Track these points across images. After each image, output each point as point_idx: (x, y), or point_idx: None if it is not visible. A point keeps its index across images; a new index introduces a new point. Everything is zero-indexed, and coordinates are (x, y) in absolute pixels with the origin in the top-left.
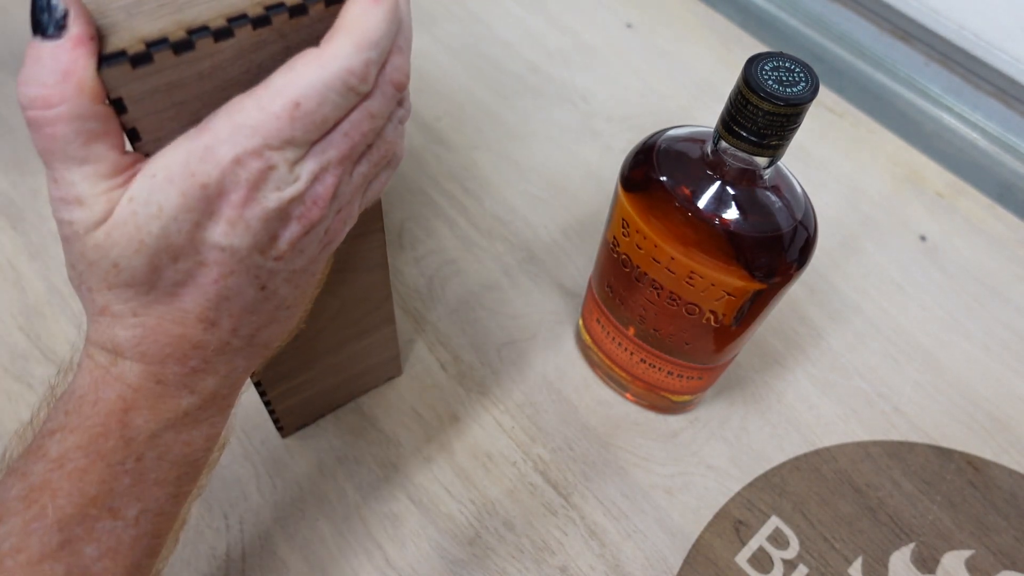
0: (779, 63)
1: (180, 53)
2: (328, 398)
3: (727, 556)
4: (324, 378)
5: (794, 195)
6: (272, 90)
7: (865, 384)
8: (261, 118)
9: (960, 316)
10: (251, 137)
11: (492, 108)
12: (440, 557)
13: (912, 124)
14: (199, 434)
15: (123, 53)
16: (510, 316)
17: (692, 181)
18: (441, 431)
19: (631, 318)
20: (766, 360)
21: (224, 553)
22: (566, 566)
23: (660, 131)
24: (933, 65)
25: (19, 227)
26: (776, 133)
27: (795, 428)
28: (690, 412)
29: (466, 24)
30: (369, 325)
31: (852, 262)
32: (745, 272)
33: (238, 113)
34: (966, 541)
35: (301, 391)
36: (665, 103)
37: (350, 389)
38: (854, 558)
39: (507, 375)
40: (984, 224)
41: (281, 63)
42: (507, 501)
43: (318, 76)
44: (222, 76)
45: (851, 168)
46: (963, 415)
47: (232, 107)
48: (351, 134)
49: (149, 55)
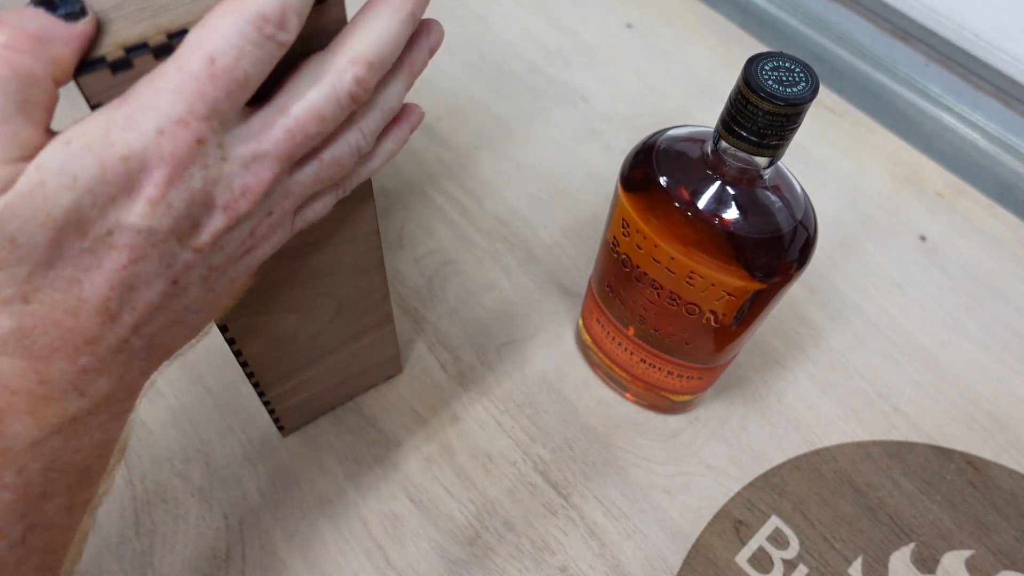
0: (779, 63)
1: (160, 57)
2: (328, 397)
3: (727, 556)
4: (324, 378)
5: (794, 195)
6: (188, 47)
7: (865, 384)
8: (181, 79)
9: (960, 316)
10: (174, 104)
11: (492, 108)
12: (440, 557)
13: (912, 124)
14: (90, 440)
15: (103, 60)
16: (510, 316)
17: (692, 181)
18: (441, 431)
19: (631, 318)
20: (766, 360)
21: (224, 553)
22: (566, 566)
23: (660, 131)
24: (933, 65)
25: None
26: (776, 133)
27: (795, 428)
28: (690, 412)
29: (466, 24)
30: (368, 325)
31: (852, 262)
32: (745, 272)
33: (159, 77)
34: (966, 541)
35: (301, 391)
36: (665, 103)
37: (350, 388)
38: (854, 558)
39: (507, 375)
40: (984, 224)
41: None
42: (507, 501)
43: (231, 24)
44: None
45: (851, 168)
46: (963, 415)
47: (155, 72)
48: (293, 130)
49: (129, 61)
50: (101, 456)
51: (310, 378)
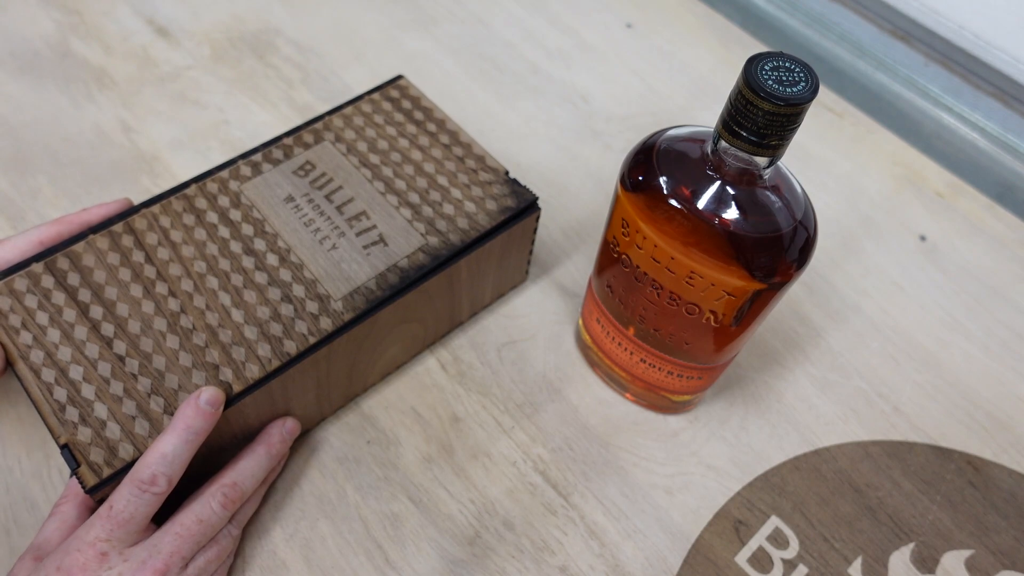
0: (779, 63)
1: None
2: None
3: (727, 556)
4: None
5: (794, 195)
6: (105, 502)
7: (865, 384)
8: (93, 520)
9: (960, 316)
10: (88, 532)
11: (492, 108)
12: (440, 557)
13: (912, 124)
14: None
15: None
16: (510, 316)
17: (692, 181)
18: (441, 431)
19: (631, 318)
20: (766, 360)
21: None
22: (566, 566)
23: (660, 131)
24: (933, 65)
25: (19, 227)
26: (776, 133)
27: (795, 428)
28: (690, 412)
29: (466, 24)
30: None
31: (852, 262)
32: (745, 272)
33: (88, 522)
34: (966, 541)
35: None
36: (665, 103)
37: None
38: (854, 558)
39: (507, 375)
40: (984, 224)
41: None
42: (507, 501)
43: (125, 485)
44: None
45: (851, 168)
46: (963, 415)
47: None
48: (182, 535)
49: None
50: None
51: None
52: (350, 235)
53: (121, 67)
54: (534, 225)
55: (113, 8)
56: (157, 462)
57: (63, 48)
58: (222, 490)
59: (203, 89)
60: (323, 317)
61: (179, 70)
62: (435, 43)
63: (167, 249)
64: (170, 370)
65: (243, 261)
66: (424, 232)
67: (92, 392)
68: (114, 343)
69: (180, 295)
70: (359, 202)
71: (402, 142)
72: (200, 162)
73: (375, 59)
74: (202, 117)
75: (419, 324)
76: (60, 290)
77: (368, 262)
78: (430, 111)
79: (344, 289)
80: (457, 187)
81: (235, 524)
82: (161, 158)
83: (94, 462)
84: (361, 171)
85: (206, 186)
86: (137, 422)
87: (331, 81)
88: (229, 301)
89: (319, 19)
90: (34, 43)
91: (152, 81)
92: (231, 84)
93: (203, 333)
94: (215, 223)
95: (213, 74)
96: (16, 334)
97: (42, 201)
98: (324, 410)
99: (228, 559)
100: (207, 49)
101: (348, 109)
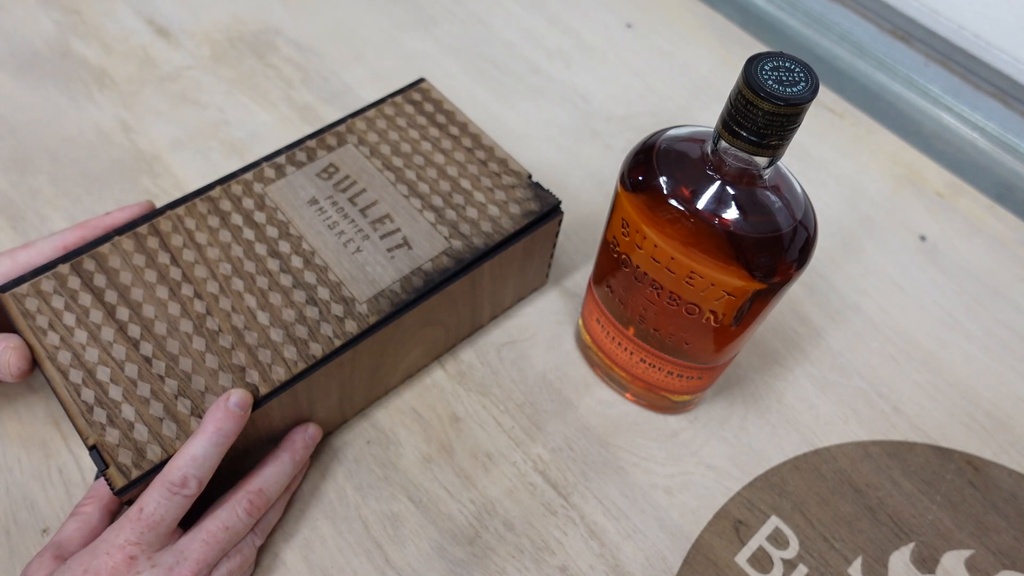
0: (779, 63)
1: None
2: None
3: (727, 556)
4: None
5: (794, 195)
6: (134, 503)
7: (865, 384)
8: (122, 522)
9: (960, 316)
10: (117, 536)
11: (492, 108)
12: (440, 557)
13: (912, 124)
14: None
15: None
16: (510, 316)
17: (692, 181)
18: (441, 431)
19: (631, 318)
20: (766, 360)
21: None
22: (566, 566)
23: (660, 131)
24: (933, 65)
25: (19, 227)
26: (776, 133)
27: (795, 428)
28: (690, 412)
29: (466, 24)
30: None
31: (852, 262)
32: (745, 272)
33: (117, 523)
34: (966, 541)
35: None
36: (665, 103)
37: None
38: (854, 558)
39: (507, 375)
40: (984, 224)
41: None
42: (507, 501)
43: (155, 487)
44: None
45: (851, 168)
46: (963, 415)
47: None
48: (209, 542)
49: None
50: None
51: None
52: (374, 238)
53: (121, 67)
54: (556, 229)
55: (113, 8)
56: (188, 464)
57: (63, 48)
58: (248, 496)
59: (203, 89)
60: (348, 320)
61: (179, 70)
62: (435, 43)
63: (192, 251)
64: (197, 372)
65: (268, 263)
66: (448, 235)
67: (120, 393)
68: (141, 344)
69: (206, 297)
70: (383, 205)
71: (425, 145)
72: (200, 162)
73: (375, 59)
74: (202, 117)
75: (441, 327)
76: (87, 291)
77: (392, 265)
78: (452, 114)
79: (369, 292)
80: (480, 190)
81: (258, 534)
82: (161, 158)
83: (122, 463)
84: (384, 174)
85: (230, 188)
86: (165, 424)
87: (331, 81)
88: (255, 303)
89: (319, 19)
90: (34, 43)
91: (152, 81)
92: (231, 84)
93: (229, 335)
94: (240, 225)
95: (213, 74)
96: (43, 335)
97: (42, 201)
98: (346, 413)
99: (249, 569)
100: (207, 49)
101: (371, 112)
